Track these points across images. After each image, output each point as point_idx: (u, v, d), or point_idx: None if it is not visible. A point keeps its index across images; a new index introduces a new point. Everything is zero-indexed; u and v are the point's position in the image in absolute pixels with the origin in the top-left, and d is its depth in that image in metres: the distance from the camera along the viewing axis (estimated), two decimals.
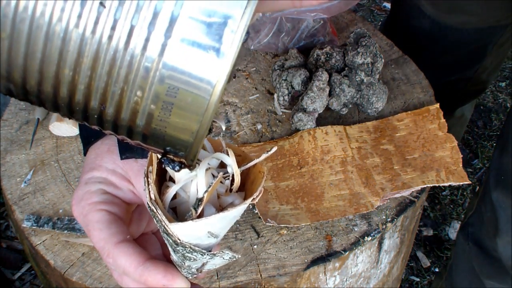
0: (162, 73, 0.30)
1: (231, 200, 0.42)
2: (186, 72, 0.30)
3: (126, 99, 0.31)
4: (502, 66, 1.92)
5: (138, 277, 0.42)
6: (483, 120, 1.93)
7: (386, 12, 2.25)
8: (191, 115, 0.31)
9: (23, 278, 1.48)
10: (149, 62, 0.30)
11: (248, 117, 0.89)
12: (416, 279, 1.54)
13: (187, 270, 0.43)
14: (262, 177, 0.42)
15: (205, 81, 0.30)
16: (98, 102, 0.32)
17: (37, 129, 0.87)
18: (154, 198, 0.39)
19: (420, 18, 1.07)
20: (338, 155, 0.82)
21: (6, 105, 0.92)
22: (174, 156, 0.34)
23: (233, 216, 0.40)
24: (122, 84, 0.31)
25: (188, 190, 0.42)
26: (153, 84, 0.31)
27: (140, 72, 0.30)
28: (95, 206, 0.45)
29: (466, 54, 1.10)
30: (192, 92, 0.31)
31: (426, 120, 0.86)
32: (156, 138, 0.33)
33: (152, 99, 0.31)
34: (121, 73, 0.31)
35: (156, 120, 0.32)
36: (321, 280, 0.73)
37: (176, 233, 0.39)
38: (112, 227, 0.44)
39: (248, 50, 1.00)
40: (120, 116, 0.32)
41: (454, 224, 1.64)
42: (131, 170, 0.48)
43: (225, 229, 0.42)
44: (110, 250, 0.43)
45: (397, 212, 0.76)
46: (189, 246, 0.40)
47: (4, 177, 0.80)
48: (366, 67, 0.86)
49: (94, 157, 0.49)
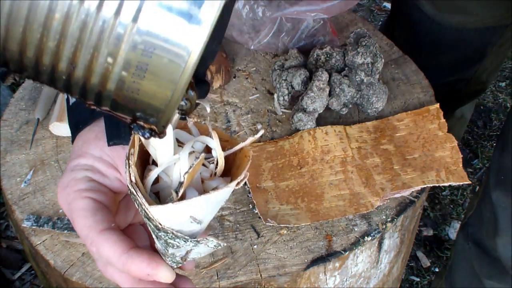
0: (135, 39, 0.29)
1: (215, 185, 0.41)
2: (161, 38, 0.29)
3: (96, 64, 0.30)
4: (502, 66, 1.92)
5: (121, 265, 0.40)
6: (483, 120, 1.93)
7: (386, 12, 2.25)
8: (164, 82, 0.30)
9: (23, 278, 1.48)
10: (121, 28, 0.29)
11: (248, 117, 0.89)
12: (416, 279, 1.54)
13: (171, 258, 0.42)
14: (247, 161, 0.41)
15: (181, 47, 0.29)
16: (66, 67, 0.30)
17: (37, 129, 0.87)
18: (135, 181, 0.38)
19: (420, 18, 1.07)
20: (338, 155, 0.82)
21: (6, 105, 0.92)
22: (144, 122, 0.33)
23: (216, 200, 0.39)
24: (92, 50, 0.30)
25: (171, 174, 0.40)
26: (125, 51, 0.29)
27: (112, 38, 0.29)
28: (80, 193, 0.44)
29: (466, 54, 1.10)
30: (167, 59, 0.30)
31: (426, 120, 0.86)
32: (127, 104, 0.32)
33: (123, 66, 0.30)
34: (91, 38, 0.29)
35: (127, 86, 0.31)
36: (321, 280, 0.73)
37: (156, 217, 0.38)
38: (97, 215, 0.42)
39: (248, 50, 1.00)
40: (89, 81, 0.31)
41: (454, 224, 1.64)
42: (118, 157, 0.47)
43: (209, 215, 0.40)
44: (94, 238, 0.41)
45: (397, 212, 0.76)
46: (171, 231, 0.38)
47: (4, 177, 0.80)
48: (366, 67, 0.86)
49: (81, 144, 0.48)
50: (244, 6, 0.94)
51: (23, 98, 0.92)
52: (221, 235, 0.74)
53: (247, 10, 0.94)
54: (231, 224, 0.75)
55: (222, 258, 0.72)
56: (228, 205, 0.77)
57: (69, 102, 0.53)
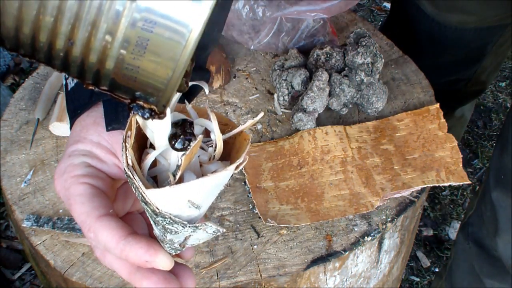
0: (135, 16, 0.28)
1: (214, 168, 0.40)
2: (161, 15, 0.28)
3: (94, 41, 0.29)
4: (502, 66, 1.92)
5: (119, 252, 0.39)
6: (483, 120, 1.93)
7: (386, 12, 2.25)
8: (164, 60, 0.29)
9: (23, 278, 1.48)
10: (120, 4, 0.28)
11: (248, 117, 0.89)
12: (416, 279, 1.54)
13: (170, 245, 0.41)
14: (246, 144, 0.40)
15: (181, 24, 0.28)
16: (63, 44, 0.30)
17: (37, 129, 0.87)
18: (132, 164, 0.37)
19: (420, 18, 1.07)
20: (338, 155, 0.82)
21: (6, 105, 0.92)
22: (144, 102, 0.32)
23: (215, 184, 0.38)
24: (90, 27, 0.29)
25: (168, 157, 0.39)
26: (123, 29, 0.29)
27: (111, 15, 0.28)
28: (77, 179, 0.43)
29: (465, 54, 1.10)
30: (167, 36, 0.29)
31: (426, 120, 0.86)
32: (126, 83, 0.31)
33: (122, 43, 0.29)
34: (89, 14, 0.29)
35: (126, 64, 0.30)
36: (321, 280, 0.73)
37: (154, 201, 0.37)
38: (94, 201, 0.41)
39: (248, 50, 1.00)
40: (87, 59, 0.30)
41: (454, 224, 1.64)
42: (117, 143, 0.46)
43: (208, 200, 0.39)
44: (91, 224, 0.40)
45: (397, 212, 0.76)
46: (169, 216, 0.37)
47: (4, 177, 0.80)
48: (366, 67, 0.86)
49: (79, 130, 0.47)
50: (244, 6, 0.94)
51: (23, 98, 0.92)
52: (221, 235, 0.74)
53: (247, 10, 0.94)
54: (231, 224, 0.75)
55: (222, 258, 0.72)
56: (228, 205, 0.77)
57: (68, 88, 0.52)
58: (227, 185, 0.79)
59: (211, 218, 0.76)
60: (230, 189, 0.79)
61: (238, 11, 0.95)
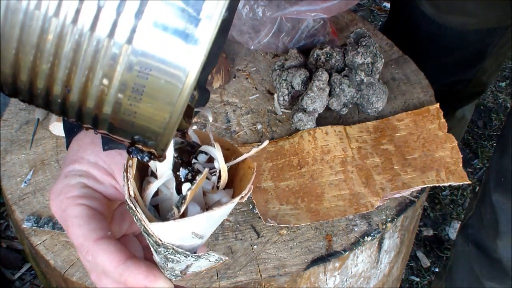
0: (131, 60, 0.28)
1: (217, 198, 0.40)
2: (157, 59, 0.28)
3: (91, 86, 0.29)
4: (502, 66, 1.92)
5: (118, 276, 0.39)
6: (483, 120, 1.93)
7: (386, 12, 2.25)
8: (161, 104, 0.29)
9: (23, 278, 1.48)
10: (116, 48, 0.28)
11: (248, 117, 0.89)
12: (416, 279, 1.54)
13: (170, 272, 0.40)
14: (251, 173, 0.39)
15: (178, 68, 0.28)
16: (60, 90, 0.30)
17: (37, 129, 0.87)
18: (134, 195, 0.37)
19: (420, 19, 1.07)
20: (338, 155, 0.82)
21: (6, 105, 0.92)
22: (143, 146, 0.32)
23: (219, 216, 0.38)
24: (87, 72, 0.29)
25: (171, 186, 0.39)
26: (120, 72, 0.29)
27: (107, 59, 0.28)
28: (74, 200, 0.42)
29: (466, 55, 1.10)
30: (163, 80, 0.29)
31: (426, 120, 0.86)
32: (124, 127, 0.31)
33: (119, 88, 0.29)
34: (86, 59, 0.29)
35: (124, 109, 0.30)
36: (321, 280, 0.73)
37: (157, 233, 0.36)
38: (91, 223, 0.41)
39: (248, 50, 1.00)
40: (85, 104, 0.30)
41: (454, 224, 1.64)
42: (114, 164, 0.45)
43: (211, 229, 0.39)
44: (89, 247, 0.40)
45: (397, 212, 0.76)
46: (171, 247, 0.37)
47: (4, 177, 0.80)
48: (366, 67, 0.86)
49: (77, 149, 0.46)
50: (244, 6, 0.94)
51: None
52: (221, 235, 0.74)
53: (247, 10, 0.94)
54: (231, 224, 0.75)
55: None
56: None
57: None
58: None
59: None
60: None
61: (238, 11, 0.95)
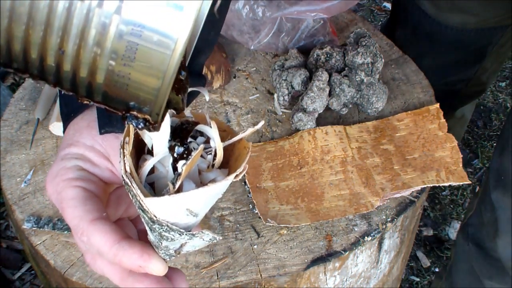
0: (121, 28, 0.29)
1: (213, 177, 0.39)
2: (147, 27, 0.29)
3: (83, 55, 0.30)
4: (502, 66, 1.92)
5: (112, 256, 0.39)
6: (483, 120, 1.93)
7: (386, 12, 2.25)
8: (152, 70, 0.30)
9: (23, 278, 1.48)
10: (106, 17, 0.29)
11: (248, 117, 0.89)
12: (416, 279, 1.54)
13: (165, 251, 0.40)
14: (246, 153, 0.39)
15: (167, 35, 0.29)
16: (53, 59, 0.30)
17: (37, 129, 0.87)
18: (130, 171, 0.37)
19: (420, 18, 1.07)
20: (338, 155, 0.82)
21: (6, 105, 0.92)
22: (138, 112, 0.33)
23: (214, 193, 0.38)
24: (78, 40, 0.30)
25: (167, 164, 0.39)
26: (111, 41, 0.29)
27: (97, 28, 0.29)
28: (70, 182, 0.42)
29: (466, 54, 1.10)
30: (153, 48, 0.30)
31: (426, 120, 0.86)
32: (118, 95, 0.32)
33: (110, 55, 0.30)
34: (76, 28, 0.29)
35: (116, 76, 0.31)
36: (321, 280, 0.73)
37: (152, 209, 0.36)
38: (87, 204, 0.41)
39: (248, 50, 1.00)
40: (78, 73, 0.31)
41: (454, 224, 1.64)
42: (110, 147, 0.45)
43: (206, 208, 0.39)
44: (84, 228, 0.40)
45: (397, 212, 0.76)
46: (166, 224, 0.37)
47: (4, 177, 0.80)
48: (366, 67, 0.86)
49: (73, 133, 0.47)
50: (244, 6, 0.94)
51: (23, 98, 0.92)
52: (221, 235, 0.74)
53: (247, 10, 0.94)
54: (231, 224, 0.75)
55: (222, 258, 0.72)
56: (228, 205, 0.77)
57: (61, 91, 0.52)
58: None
59: (211, 218, 0.76)
60: (230, 189, 0.79)
61: (238, 11, 0.95)
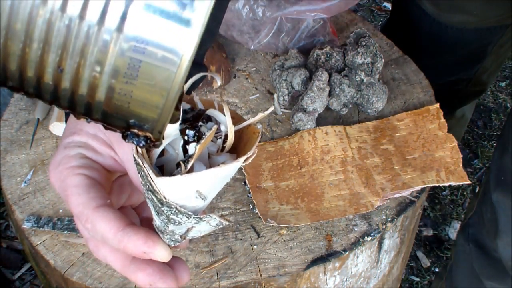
0: (122, 46, 0.28)
1: (222, 160, 0.40)
2: (150, 43, 0.28)
3: (83, 73, 0.29)
4: (502, 66, 1.92)
5: (117, 242, 0.39)
6: (483, 120, 1.93)
7: (386, 12, 2.25)
8: (156, 89, 0.29)
9: (23, 278, 1.48)
10: (107, 34, 0.28)
11: (248, 117, 0.89)
12: (416, 279, 1.54)
13: (170, 236, 0.40)
14: (256, 137, 0.39)
15: (172, 52, 0.28)
16: (51, 77, 0.29)
17: (37, 129, 0.87)
18: (141, 152, 0.37)
19: (420, 17, 1.07)
20: (338, 155, 0.82)
21: (6, 105, 0.92)
22: (139, 130, 0.32)
23: (224, 175, 0.38)
24: (78, 58, 0.28)
25: (177, 146, 0.39)
26: (113, 58, 0.28)
27: (98, 45, 0.28)
28: (73, 170, 0.42)
29: (466, 54, 1.10)
30: (157, 65, 0.28)
31: (426, 120, 0.86)
32: (118, 114, 0.30)
33: (112, 74, 0.29)
34: (76, 45, 0.28)
35: (117, 95, 0.29)
36: (321, 280, 0.73)
37: (162, 189, 0.36)
38: (91, 192, 0.41)
39: (248, 50, 1.00)
40: (77, 91, 0.30)
41: (454, 224, 1.64)
42: (113, 135, 0.45)
43: (214, 191, 0.39)
44: (88, 215, 0.40)
45: (397, 212, 0.76)
46: (175, 206, 0.37)
47: (4, 177, 0.80)
48: (366, 67, 0.86)
49: (75, 121, 0.46)
50: (244, 6, 0.94)
51: (23, 98, 0.92)
52: (221, 235, 0.74)
53: (247, 10, 0.94)
54: (231, 224, 0.75)
55: (222, 258, 0.72)
56: (228, 205, 0.77)
57: None
58: (227, 185, 0.79)
59: None
60: (230, 189, 0.79)
61: (238, 11, 0.95)
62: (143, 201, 0.48)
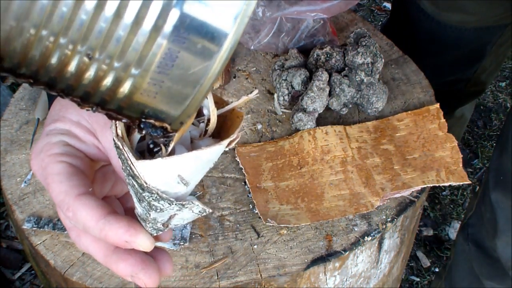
0: (165, 34, 0.28)
1: (205, 145, 0.39)
2: (192, 32, 0.28)
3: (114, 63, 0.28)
4: (502, 66, 1.92)
5: (98, 231, 0.38)
6: (483, 120, 1.93)
7: (386, 12, 2.25)
8: (190, 80, 0.29)
9: (23, 278, 1.48)
10: (148, 22, 0.27)
11: (248, 117, 0.89)
12: (416, 279, 1.54)
13: (153, 224, 0.39)
14: (240, 121, 0.38)
15: (213, 42, 0.28)
16: (76, 66, 0.29)
17: (37, 129, 0.87)
18: (121, 135, 0.36)
19: (420, 17, 1.07)
20: (338, 155, 0.82)
21: (6, 105, 0.92)
22: (156, 120, 0.31)
23: (206, 159, 0.37)
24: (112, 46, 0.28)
25: None
26: (151, 47, 0.28)
27: (137, 35, 0.28)
28: (55, 157, 0.42)
29: (465, 53, 1.10)
30: (195, 56, 0.28)
31: (426, 120, 0.86)
32: (139, 103, 0.30)
33: (147, 64, 0.28)
34: (112, 33, 0.28)
35: (147, 84, 0.29)
36: (321, 280, 0.74)
37: (142, 174, 0.35)
38: (73, 179, 0.40)
39: (248, 50, 1.00)
40: (101, 81, 0.29)
41: (454, 224, 1.64)
42: (97, 123, 0.44)
43: (197, 177, 0.38)
44: (70, 203, 0.39)
45: (397, 212, 0.76)
46: (156, 191, 0.36)
47: (4, 177, 0.80)
48: (366, 67, 0.86)
49: (59, 109, 0.46)
50: None
51: (23, 98, 0.92)
52: (221, 235, 0.74)
53: None
54: (231, 224, 0.75)
55: (222, 258, 0.72)
56: (228, 205, 0.77)
57: None
58: (227, 185, 0.79)
59: (211, 219, 0.76)
60: (230, 189, 0.79)
61: None
62: (127, 192, 0.47)
